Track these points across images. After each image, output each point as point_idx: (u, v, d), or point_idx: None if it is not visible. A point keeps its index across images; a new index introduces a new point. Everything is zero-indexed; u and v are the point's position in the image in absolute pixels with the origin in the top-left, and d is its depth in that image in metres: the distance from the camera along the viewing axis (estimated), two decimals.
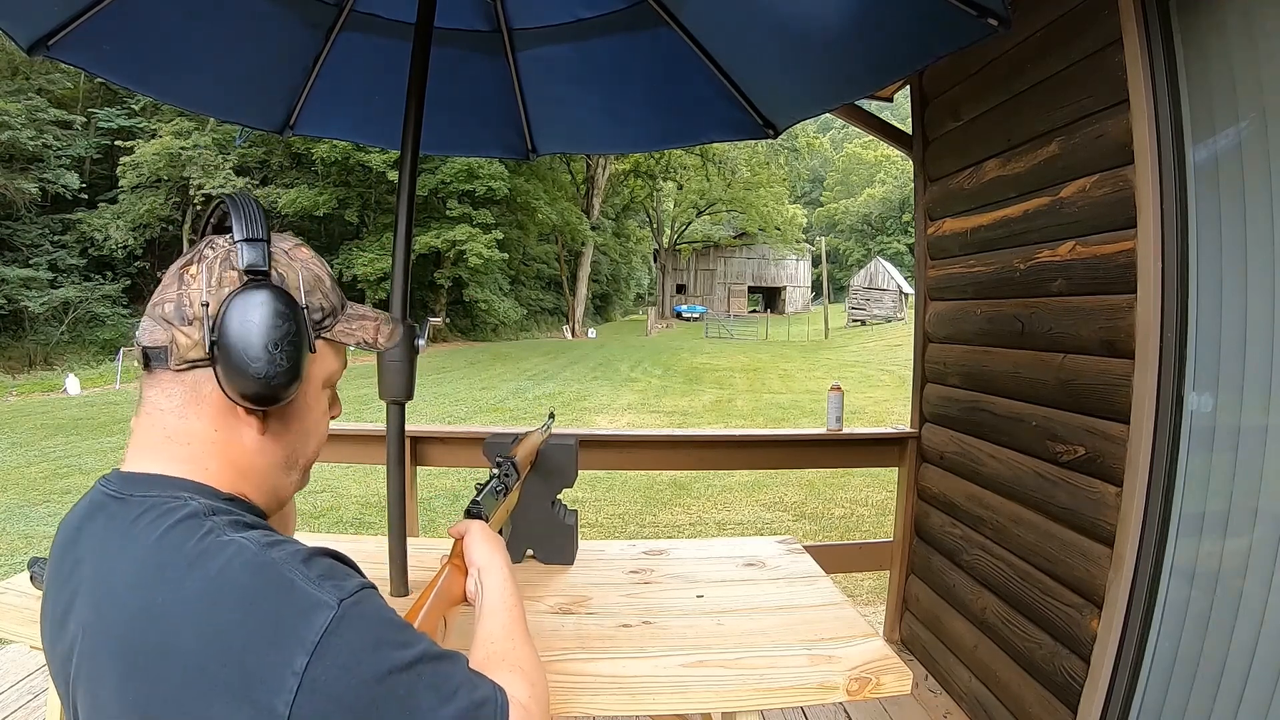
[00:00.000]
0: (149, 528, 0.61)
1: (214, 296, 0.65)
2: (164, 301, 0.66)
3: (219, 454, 0.67)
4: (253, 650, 0.54)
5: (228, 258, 0.67)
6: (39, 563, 1.36)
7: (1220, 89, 1.45)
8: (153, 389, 0.67)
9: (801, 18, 1.58)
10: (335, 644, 0.55)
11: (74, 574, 0.65)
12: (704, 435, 3.60)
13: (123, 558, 0.61)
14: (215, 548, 0.58)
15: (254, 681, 0.53)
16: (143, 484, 0.65)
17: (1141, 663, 1.59)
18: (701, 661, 1.18)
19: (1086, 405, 1.78)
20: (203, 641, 0.55)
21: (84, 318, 21.73)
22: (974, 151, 2.35)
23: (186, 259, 0.68)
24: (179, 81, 1.91)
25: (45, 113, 21.45)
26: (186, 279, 0.66)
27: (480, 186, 24.33)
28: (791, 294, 46.31)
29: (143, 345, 0.66)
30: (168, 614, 0.56)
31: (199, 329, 0.64)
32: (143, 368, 0.67)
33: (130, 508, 0.63)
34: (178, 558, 0.58)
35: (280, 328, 0.65)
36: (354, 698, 0.55)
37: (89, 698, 0.60)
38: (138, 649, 0.56)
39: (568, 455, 1.51)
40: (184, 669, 0.54)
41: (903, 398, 10.34)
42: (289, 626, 0.55)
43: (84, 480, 6.75)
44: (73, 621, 0.63)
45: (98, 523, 0.66)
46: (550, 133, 2.29)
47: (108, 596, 0.60)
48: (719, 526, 5.61)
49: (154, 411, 0.67)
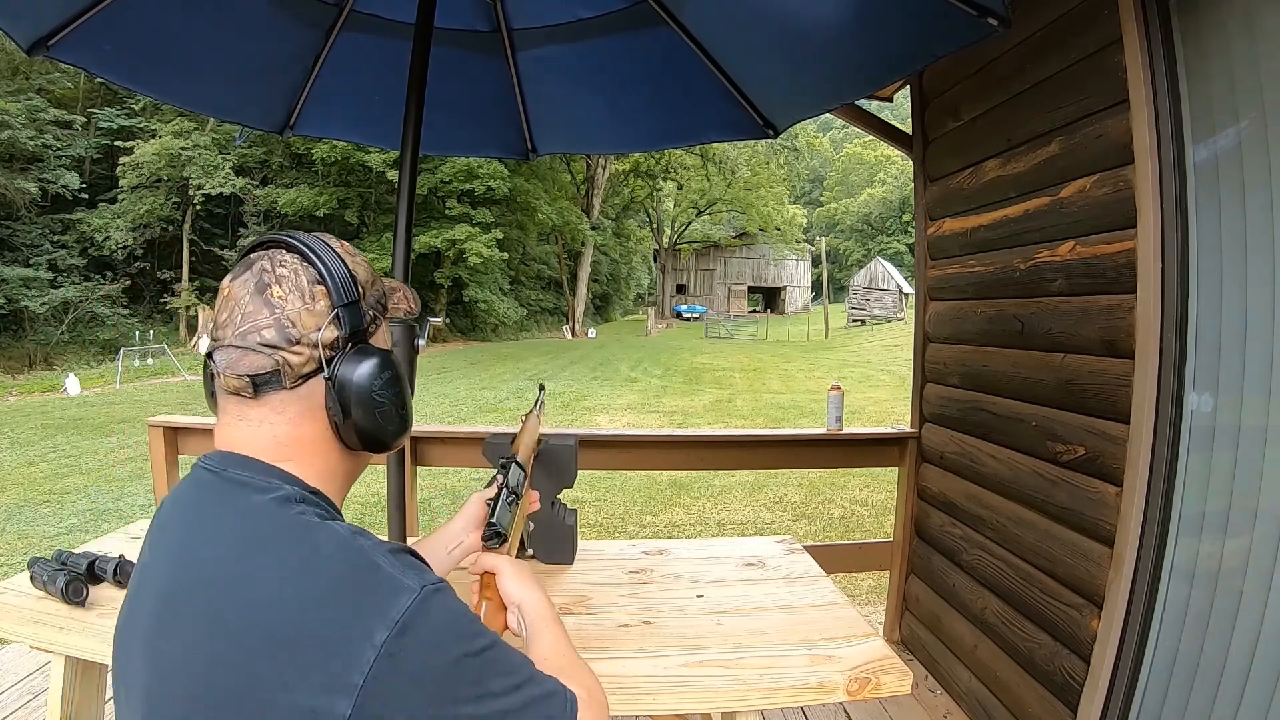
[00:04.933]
0: (242, 502, 0.66)
1: (312, 313, 0.69)
2: (258, 329, 0.67)
3: (315, 456, 0.72)
4: (336, 623, 0.58)
5: (298, 272, 0.70)
6: (39, 563, 1.36)
7: (1220, 89, 1.45)
8: (261, 407, 0.70)
9: (801, 18, 1.58)
10: (415, 623, 0.59)
11: (162, 539, 0.70)
12: (704, 435, 3.60)
13: (213, 526, 0.66)
14: (309, 527, 0.64)
15: (333, 652, 0.57)
16: (238, 463, 0.69)
17: (1141, 663, 1.59)
18: (701, 661, 1.18)
19: (1086, 405, 1.78)
20: (289, 610, 0.59)
21: (84, 318, 21.72)
22: (974, 151, 2.35)
23: (258, 279, 0.69)
24: (179, 81, 1.91)
25: (45, 113, 21.45)
26: (274, 301, 0.68)
27: (480, 186, 24.31)
28: (791, 294, 46.30)
29: (247, 375, 0.68)
30: (259, 581, 0.60)
31: (307, 346, 0.69)
32: (247, 394, 0.69)
33: (225, 482, 0.68)
34: (272, 531, 0.63)
35: (388, 385, 0.72)
36: (428, 676, 0.58)
37: (159, 654, 0.63)
38: (222, 610, 0.60)
39: (568, 455, 1.51)
40: (266, 633, 0.58)
41: (903, 398, 10.34)
42: (373, 603, 0.59)
43: (84, 480, 6.75)
44: (152, 582, 0.67)
45: (191, 493, 0.71)
46: (550, 133, 2.30)
47: (195, 561, 0.64)
48: (719, 526, 5.61)
49: (262, 424, 0.70)
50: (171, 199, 23.67)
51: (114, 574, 1.37)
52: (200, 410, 6.79)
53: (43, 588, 1.32)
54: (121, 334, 21.47)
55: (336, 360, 0.70)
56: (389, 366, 0.73)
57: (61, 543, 4.70)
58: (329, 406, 0.71)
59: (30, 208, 21.60)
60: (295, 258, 0.71)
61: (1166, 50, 1.52)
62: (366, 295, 0.74)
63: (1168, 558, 1.55)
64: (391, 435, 0.74)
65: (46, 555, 1.41)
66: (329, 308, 0.70)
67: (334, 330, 0.70)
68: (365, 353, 0.72)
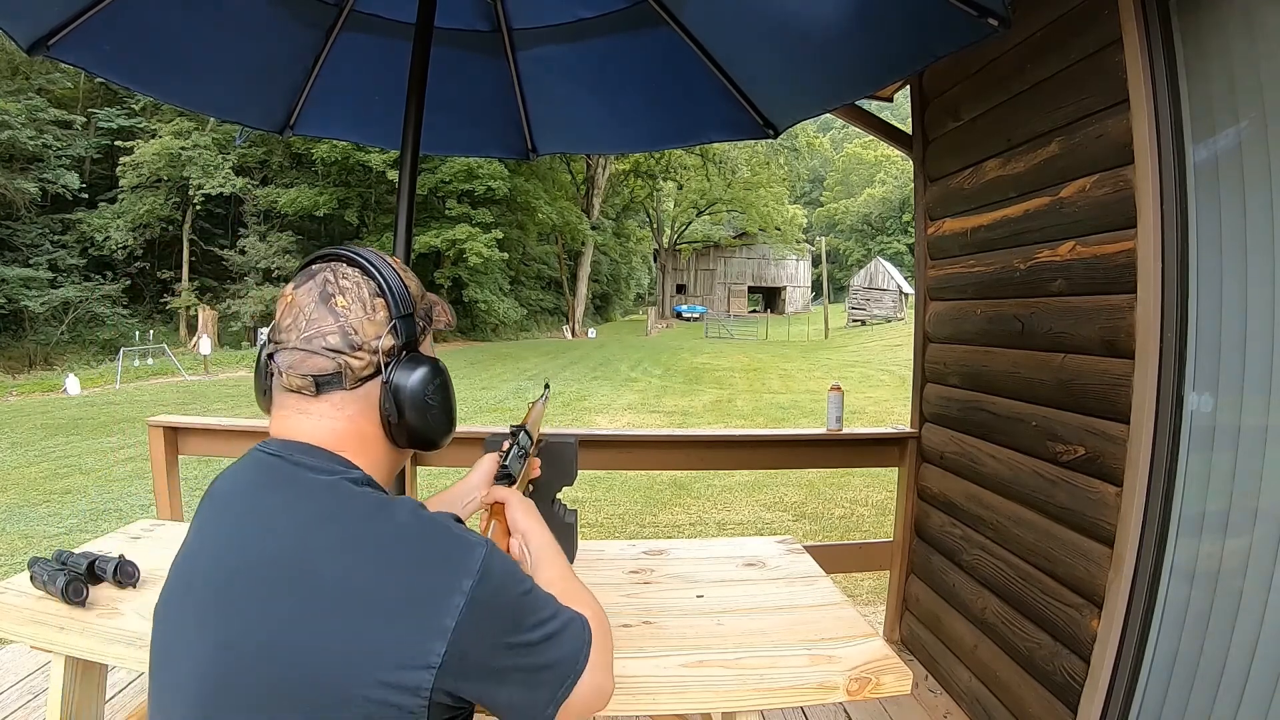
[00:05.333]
0: (311, 482, 0.73)
1: (373, 323, 0.78)
2: (323, 334, 0.76)
3: (368, 450, 0.80)
4: (426, 579, 0.69)
5: (360, 285, 0.79)
6: (39, 563, 1.36)
7: (1220, 89, 1.45)
8: (322, 403, 0.78)
9: (802, 18, 1.59)
10: (490, 570, 0.71)
11: (220, 517, 0.77)
12: (704, 435, 3.60)
13: (282, 504, 0.72)
14: (381, 503, 0.73)
15: (424, 604, 0.67)
16: (303, 449, 0.76)
17: (1141, 663, 1.59)
18: (701, 661, 1.18)
19: (1086, 405, 1.78)
20: (374, 574, 0.68)
21: (84, 318, 21.73)
22: (974, 151, 2.35)
23: (321, 289, 0.78)
24: (179, 81, 1.91)
25: (45, 113, 21.46)
26: (339, 310, 0.77)
27: (480, 186, 24.30)
28: (791, 294, 46.29)
29: (311, 375, 0.76)
30: (341, 551, 0.69)
31: (367, 352, 0.77)
32: (309, 391, 0.77)
33: (292, 464, 0.75)
34: (346, 507, 0.72)
35: (439, 390, 0.82)
36: (500, 611, 0.71)
37: (228, 629, 0.68)
38: (301, 581, 0.67)
39: (568, 454, 1.51)
40: (356, 598, 0.66)
41: (903, 398, 10.34)
42: (458, 558, 0.70)
43: (84, 480, 6.74)
44: (212, 560, 0.73)
45: (251, 473, 0.77)
46: (550, 133, 2.30)
47: (264, 536, 0.71)
48: (719, 526, 5.61)
49: (323, 418, 0.78)
50: (171, 199, 23.67)
51: (114, 574, 1.37)
52: (200, 410, 6.81)
53: (43, 588, 1.32)
54: (121, 334, 21.47)
55: (392, 365, 0.79)
56: (439, 373, 0.82)
57: (61, 543, 4.70)
58: (384, 407, 0.79)
59: (30, 208, 21.60)
60: (357, 271, 0.79)
61: (1166, 50, 1.52)
62: (418, 308, 0.83)
63: (1168, 558, 1.55)
64: (439, 434, 0.84)
65: (46, 555, 1.41)
66: (388, 318, 0.79)
67: (391, 339, 0.79)
68: (418, 360, 0.81)
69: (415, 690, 0.66)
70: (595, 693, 0.77)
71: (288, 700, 0.65)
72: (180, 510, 2.78)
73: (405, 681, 0.65)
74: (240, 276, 24.83)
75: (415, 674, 0.66)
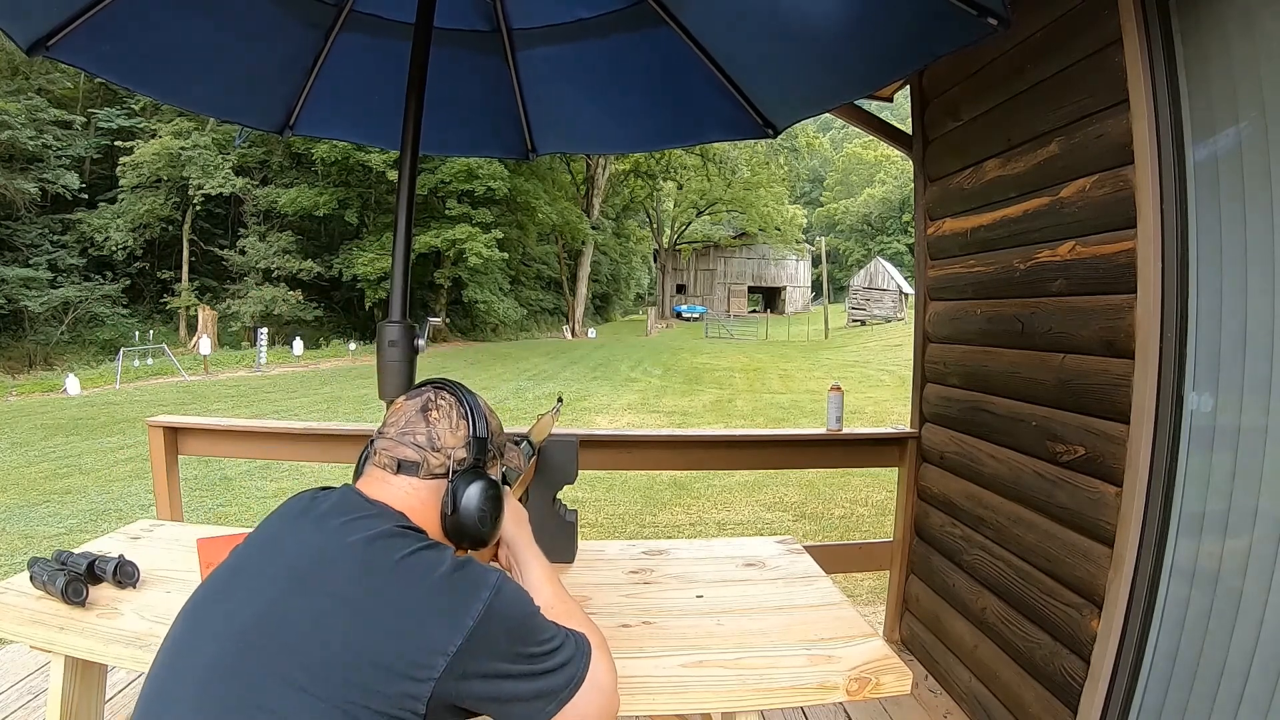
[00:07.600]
0: (378, 519, 0.90)
1: (454, 436, 0.99)
2: (415, 433, 0.98)
3: (429, 517, 0.97)
4: (459, 591, 0.84)
5: (453, 407, 1.01)
6: (39, 563, 1.36)
7: (1220, 89, 1.45)
8: (400, 480, 0.97)
9: (802, 17, 1.58)
10: (503, 589, 0.87)
11: (296, 525, 0.93)
12: (704, 435, 3.60)
13: (350, 528, 0.87)
14: (427, 544, 0.89)
15: (451, 610, 0.83)
16: (380, 502, 0.94)
17: (1141, 663, 1.58)
18: (701, 661, 1.18)
19: (1086, 405, 1.78)
20: (424, 589, 0.84)
21: (84, 318, 21.74)
22: (974, 151, 2.35)
23: (423, 404, 1.00)
24: (179, 81, 1.91)
25: (45, 113, 21.46)
26: (432, 420, 0.99)
27: (480, 186, 24.27)
28: (791, 294, 46.29)
29: (397, 458, 0.97)
30: (393, 571, 0.84)
31: (443, 456, 0.98)
32: (391, 470, 0.97)
33: (368, 503, 0.93)
34: (402, 542, 0.87)
35: (490, 500, 0.99)
36: (509, 624, 0.86)
37: (285, 615, 0.81)
38: (360, 596, 0.82)
39: (568, 454, 1.51)
40: (405, 604, 0.82)
41: (903, 398, 10.34)
42: (477, 580, 0.86)
43: (84, 480, 6.74)
44: (280, 556, 0.89)
45: (334, 497, 0.95)
46: (550, 133, 2.29)
47: (331, 548, 0.86)
48: (719, 526, 5.61)
49: (398, 490, 0.96)
50: (171, 199, 23.67)
51: (114, 574, 1.37)
52: (200, 410, 6.82)
53: (42, 588, 1.32)
54: (121, 334, 21.49)
55: (459, 472, 0.98)
56: (495, 489, 1.00)
57: (61, 543, 4.70)
58: (444, 500, 0.97)
59: (30, 208, 21.61)
60: (453, 398, 1.02)
61: (1166, 50, 1.52)
62: (492, 439, 1.04)
63: (1167, 558, 1.55)
64: (476, 535, 0.98)
65: (46, 555, 1.41)
66: (466, 437, 1.00)
67: (464, 453, 0.99)
68: (480, 474, 0.99)
69: (429, 667, 0.79)
70: (599, 712, 0.90)
71: (321, 671, 0.77)
72: (180, 510, 2.77)
73: (422, 663, 0.79)
74: (240, 276, 24.83)
75: (431, 659, 0.79)
